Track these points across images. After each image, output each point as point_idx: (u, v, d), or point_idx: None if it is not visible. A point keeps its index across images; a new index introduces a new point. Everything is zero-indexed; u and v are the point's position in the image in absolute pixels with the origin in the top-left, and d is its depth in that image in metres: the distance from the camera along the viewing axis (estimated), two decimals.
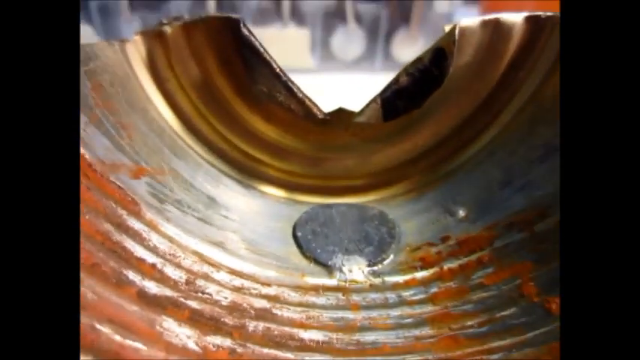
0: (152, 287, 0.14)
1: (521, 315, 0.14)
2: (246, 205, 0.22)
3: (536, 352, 0.13)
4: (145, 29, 0.21)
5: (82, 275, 0.12)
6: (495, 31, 0.20)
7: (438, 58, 0.19)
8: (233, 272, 0.17)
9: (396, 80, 0.20)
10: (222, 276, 0.16)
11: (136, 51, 0.21)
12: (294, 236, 0.20)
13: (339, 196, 0.24)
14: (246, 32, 0.19)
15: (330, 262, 0.19)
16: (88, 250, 0.13)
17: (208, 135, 0.23)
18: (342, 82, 0.61)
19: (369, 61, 0.71)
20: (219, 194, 0.21)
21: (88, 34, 0.59)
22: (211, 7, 0.61)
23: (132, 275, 0.13)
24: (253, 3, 0.70)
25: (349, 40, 0.71)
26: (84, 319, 0.11)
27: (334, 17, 0.71)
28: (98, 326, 0.11)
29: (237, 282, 0.16)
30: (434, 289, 0.17)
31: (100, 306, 0.12)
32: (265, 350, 0.14)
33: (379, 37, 0.72)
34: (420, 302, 0.16)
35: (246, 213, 0.21)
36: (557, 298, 0.14)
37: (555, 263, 0.15)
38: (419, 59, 0.19)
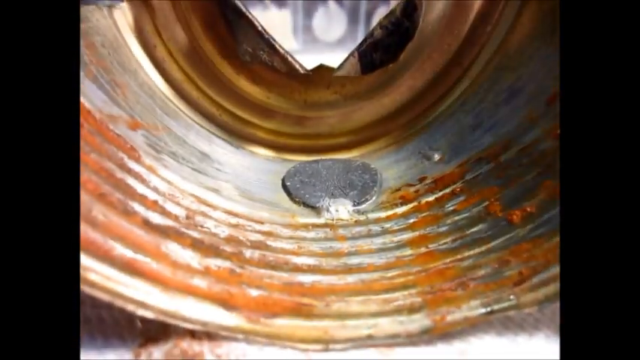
0: (156, 218, 0.15)
1: (487, 229, 0.16)
2: (237, 162, 0.23)
3: (500, 255, 0.15)
4: None
5: (92, 202, 0.13)
6: None
7: (408, 10, 0.20)
8: (229, 212, 0.18)
9: (371, 34, 0.21)
10: (218, 215, 0.18)
11: (123, 17, 0.22)
12: (284, 186, 0.22)
13: (324, 154, 0.26)
14: None
15: (317, 205, 0.20)
16: (94, 182, 0.14)
17: (197, 98, 0.24)
18: (326, 62, 0.62)
19: (350, 40, 0.72)
20: (211, 151, 0.23)
21: None
22: None
23: (136, 207, 0.15)
24: None
25: (330, 21, 0.72)
26: (96, 235, 0.12)
27: None
28: (110, 241, 0.13)
29: (233, 220, 0.18)
30: (412, 219, 0.19)
31: (111, 226, 0.13)
32: (262, 271, 0.15)
33: (360, 17, 0.73)
34: (401, 230, 0.18)
35: (237, 168, 0.23)
36: (517, 210, 0.16)
37: (518, 182, 0.17)
38: (391, 12, 0.20)
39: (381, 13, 0.74)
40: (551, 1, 0.19)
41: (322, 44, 0.73)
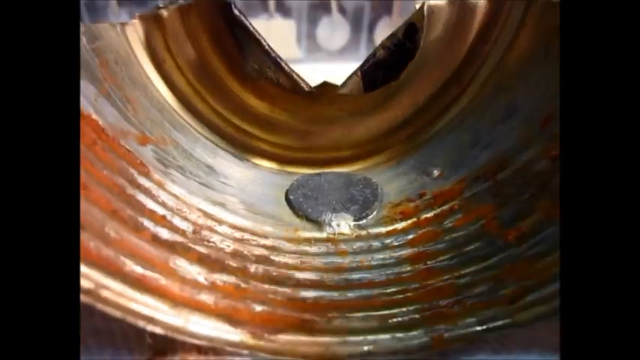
0: (164, 233, 0.16)
1: (484, 247, 0.17)
2: (242, 174, 0.24)
3: (496, 273, 0.15)
4: (143, 13, 0.22)
5: (105, 219, 0.14)
6: (462, 8, 0.22)
7: (410, 32, 0.21)
8: (234, 227, 0.19)
9: (373, 54, 0.22)
10: (224, 229, 0.18)
11: (135, 33, 0.22)
12: (287, 199, 0.22)
13: (327, 167, 0.26)
14: (237, 12, 0.21)
15: (320, 219, 0.21)
16: (107, 198, 0.14)
17: (204, 111, 0.25)
18: (329, 70, 0.63)
19: (353, 49, 0.73)
20: (216, 164, 0.23)
21: None
22: None
23: (146, 222, 0.15)
24: None
25: (334, 31, 0.73)
26: (109, 252, 0.13)
27: (319, 9, 0.73)
28: (122, 258, 0.13)
29: (238, 234, 0.18)
30: (412, 235, 0.19)
31: (122, 243, 0.14)
32: (265, 286, 0.16)
33: (363, 27, 0.74)
34: (400, 246, 0.19)
35: (242, 181, 0.23)
36: (513, 229, 0.16)
37: (513, 202, 0.17)
38: (393, 34, 0.21)
39: (383, 23, 0.75)
40: (546, 26, 0.20)
41: (325, 52, 0.74)
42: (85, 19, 0.60)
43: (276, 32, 0.67)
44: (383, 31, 0.74)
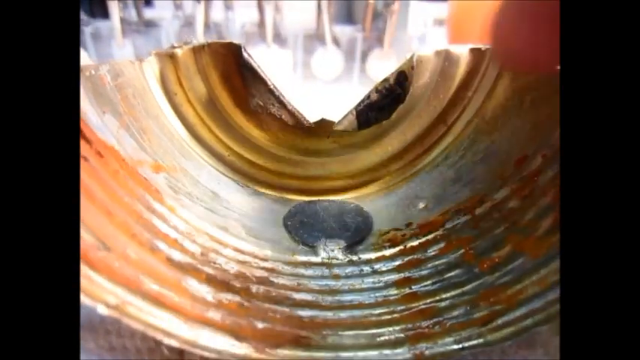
0: (176, 255, 0.17)
1: (462, 274, 0.19)
2: (244, 200, 0.26)
3: (472, 298, 0.17)
4: (158, 51, 0.25)
5: (127, 241, 0.16)
6: (446, 58, 0.25)
7: (400, 79, 0.23)
8: (237, 250, 0.20)
9: (367, 96, 0.24)
10: (228, 252, 0.20)
11: (150, 68, 0.25)
12: (285, 225, 0.24)
13: (323, 196, 0.28)
14: (246, 55, 0.24)
15: (315, 244, 0.23)
16: (128, 223, 0.16)
17: (210, 141, 0.27)
18: (323, 98, 0.67)
19: (346, 77, 0.77)
20: (220, 190, 0.25)
21: (82, 59, 0.61)
22: (199, 33, 0.65)
23: (161, 245, 0.17)
24: (238, 27, 0.75)
25: (328, 60, 0.77)
26: (131, 272, 0.15)
27: (314, 39, 0.77)
28: (141, 277, 0.15)
29: (241, 257, 0.20)
30: (398, 262, 0.21)
31: (141, 264, 0.15)
32: (266, 305, 0.17)
33: (356, 57, 0.78)
34: (388, 271, 0.21)
35: (244, 207, 0.25)
36: (487, 259, 0.18)
37: (489, 234, 0.19)
38: (385, 80, 0.24)
39: (375, 54, 0.79)
40: (519, 80, 0.23)
41: (320, 80, 0.77)
42: (89, 49, 0.62)
43: (273, 61, 0.70)
44: (375, 61, 0.78)
